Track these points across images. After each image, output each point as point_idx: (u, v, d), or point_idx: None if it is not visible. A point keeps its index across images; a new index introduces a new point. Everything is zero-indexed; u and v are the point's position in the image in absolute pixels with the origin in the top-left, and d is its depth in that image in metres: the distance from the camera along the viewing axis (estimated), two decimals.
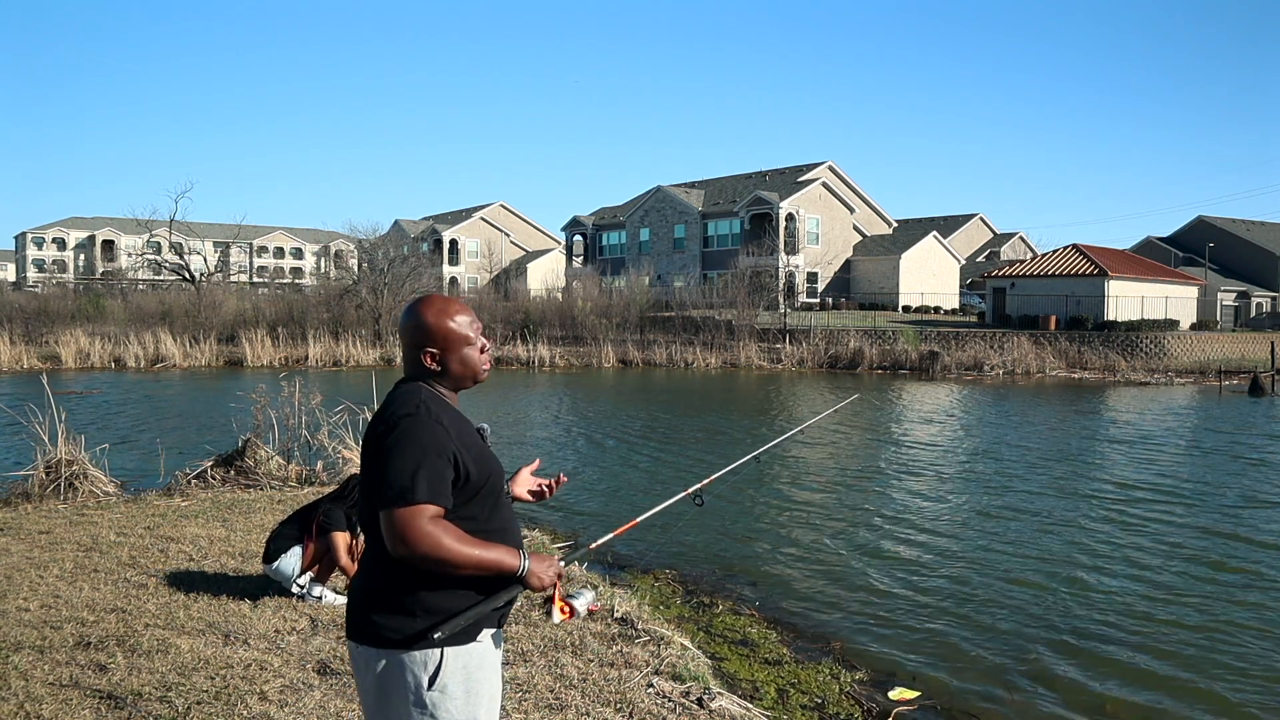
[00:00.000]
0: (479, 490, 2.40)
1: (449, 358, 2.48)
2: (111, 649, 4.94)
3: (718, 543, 9.30)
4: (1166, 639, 6.61)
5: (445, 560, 2.25)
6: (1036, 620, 7.00)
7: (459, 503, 2.36)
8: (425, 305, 2.50)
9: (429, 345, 2.46)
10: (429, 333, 2.46)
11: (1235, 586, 7.89)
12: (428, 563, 2.25)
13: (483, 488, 2.41)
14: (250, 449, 10.66)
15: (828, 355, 38.54)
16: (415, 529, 2.23)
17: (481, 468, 2.40)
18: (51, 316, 42.60)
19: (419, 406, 2.35)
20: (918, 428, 19.38)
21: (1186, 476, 13.41)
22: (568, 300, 49.88)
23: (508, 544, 2.44)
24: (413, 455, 2.27)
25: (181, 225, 54.16)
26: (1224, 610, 7.25)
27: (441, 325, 2.47)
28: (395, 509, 2.24)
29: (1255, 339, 41.51)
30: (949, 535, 9.71)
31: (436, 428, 2.32)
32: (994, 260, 63.95)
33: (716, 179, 62.40)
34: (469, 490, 2.37)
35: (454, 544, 2.26)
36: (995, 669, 6.03)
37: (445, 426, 2.34)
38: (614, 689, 4.69)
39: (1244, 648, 6.45)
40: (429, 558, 2.24)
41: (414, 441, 2.29)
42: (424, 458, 2.27)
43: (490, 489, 2.44)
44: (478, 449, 2.44)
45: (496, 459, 2.54)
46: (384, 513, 2.25)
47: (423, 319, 2.47)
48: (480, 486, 2.40)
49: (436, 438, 2.31)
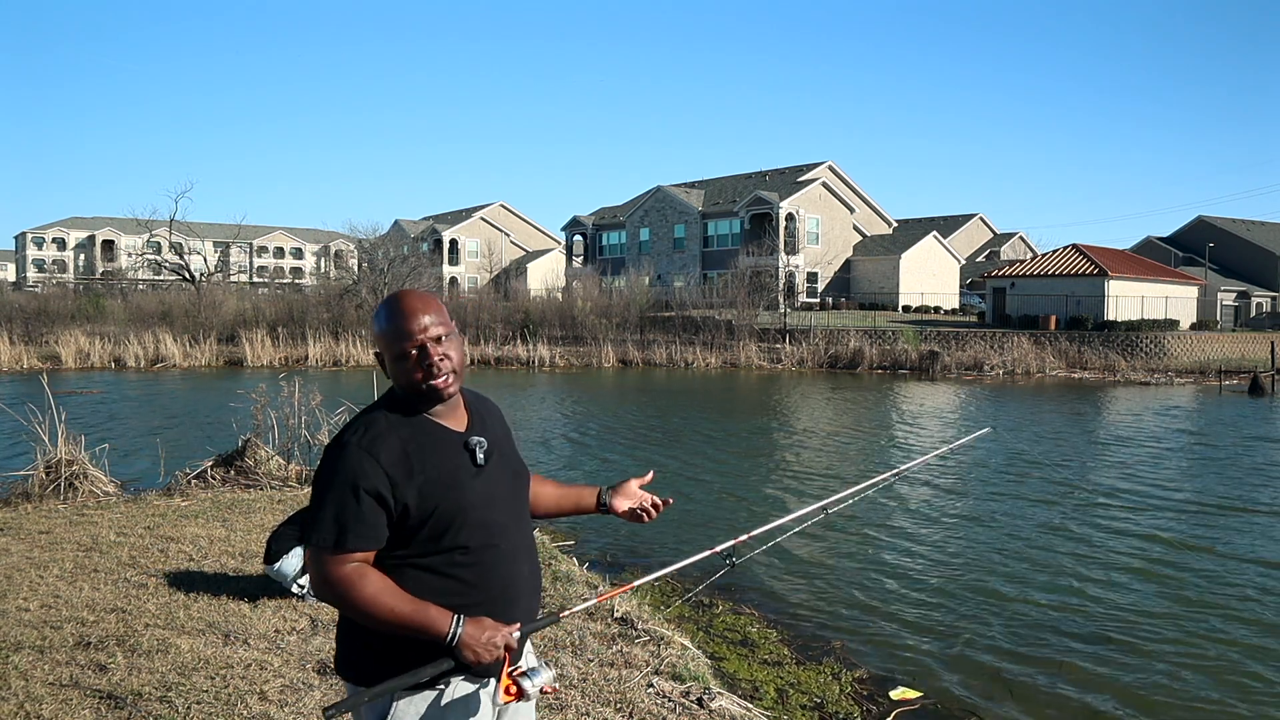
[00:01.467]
0: (421, 525, 2.07)
1: (390, 362, 2.15)
2: (111, 649, 4.94)
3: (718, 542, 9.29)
4: (1167, 640, 6.60)
5: (356, 611, 2.03)
6: (1037, 621, 7.00)
7: (399, 539, 2.08)
8: (380, 305, 2.19)
9: (376, 349, 2.19)
10: (375, 336, 2.17)
11: (1236, 587, 7.89)
12: (342, 609, 2.07)
13: (425, 522, 2.07)
14: (250, 449, 10.65)
15: (828, 355, 38.53)
16: (324, 572, 2.03)
17: (425, 499, 2.06)
18: (51, 316, 42.60)
19: (358, 431, 2.09)
20: (917, 428, 19.37)
21: (1188, 479, 13.41)
22: (568, 300, 49.87)
23: (467, 599, 2.10)
24: (325, 491, 2.05)
25: (181, 225, 54.17)
26: (1224, 611, 7.25)
27: (383, 326, 2.15)
28: (309, 548, 2.07)
29: (1255, 339, 41.50)
30: (949, 536, 9.71)
31: (362, 460, 2.03)
32: (994, 260, 63.93)
33: (716, 179, 62.39)
34: (409, 526, 2.07)
35: (365, 594, 2.01)
36: (996, 670, 6.03)
37: (377, 456, 2.04)
38: (614, 689, 4.68)
39: (1244, 649, 6.45)
40: (341, 604, 2.05)
41: (331, 476, 2.05)
42: (334, 495, 2.03)
43: (439, 523, 2.08)
44: (430, 476, 2.08)
45: (477, 484, 2.15)
46: (305, 549, 2.11)
47: (374, 320, 2.19)
48: (421, 521, 2.07)
49: (357, 472, 2.02)
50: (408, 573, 2.09)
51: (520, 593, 2.23)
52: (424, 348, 2.11)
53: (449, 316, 2.20)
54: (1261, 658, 6.27)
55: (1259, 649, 6.44)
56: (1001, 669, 6.03)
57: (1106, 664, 6.13)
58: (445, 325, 2.16)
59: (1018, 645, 6.46)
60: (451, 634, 2.03)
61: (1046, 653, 6.32)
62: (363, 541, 2.03)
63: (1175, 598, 7.57)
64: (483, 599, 2.14)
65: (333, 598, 2.05)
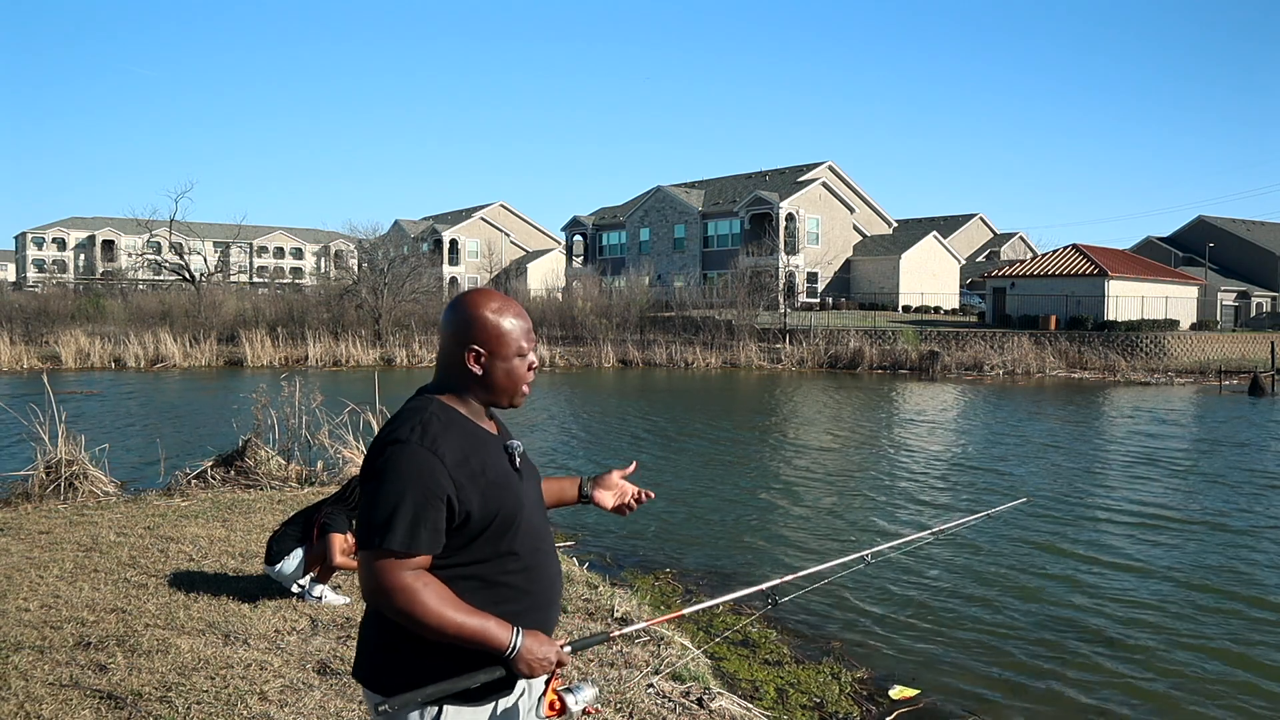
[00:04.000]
0: (482, 531, 2.03)
1: (495, 363, 2.12)
2: (111, 649, 4.94)
3: (717, 543, 9.30)
4: (1167, 641, 6.61)
5: (417, 621, 1.95)
6: (1037, 621, 7.00)
7: (456, 546, 2.02)
8: (481, 297, 2.15)
9: (476, 343, 2.11)
10: (481, 329, 2.11)
11: (1236, 590, 7.89)
12: (399, 618, 1.97)
13: (487, 528, 2.03)
14: (250, 449, 10.65)
15: (828, 355, 38.54)
16: (386, 580, 1.94)
17: (488, 503, 2.02)
18: (51, 316, 42.63)
19: (415, 429, 2.01)
20: (915, 428, 19.37)
21: (1187, 479, 13.41)
22: (568, 300, 49.89)
23: (518, 605, 2.09)
24: (394, 492, 1.95)
25: (181, 225, 54.12)
26: (1225, 612, 7.24)
27: (498, 323, 2.11)
28: (368, 553, 1.96)
29: (1255, 339, 41.50)
30: (950, 536, 9.70)
31: (428, 460, 1.96)
32: (994, 260, 63.93)
33: (716, 179, 62.40)
34: (468, 532, 2.02)
35: (430, 604, 1.94)
36: (996, 670, 6.03)
37: (442, 457, 1.98)
38: (614, 689, 4.68)
39: (1244, 649, 6.45)
40: (400, 614, 1.95)
41: (398, 476, 1.95)
42: (406, 496, 1.94)
43: (499, 528, 2.05)
44: (491, 479, 2.05)
45: (523, 487, 2.15)
46: (361, 555, 1.98)
47: (477, 312, 2.12)
48: (483, 527, 2.03)
49: (425, 472, 1.95)
50: (458, 581, 2.03)
51: (556, 595, 2.24)
52: (530, 356, 2.17)
53: None
54: (1261, 658, 6.27)
55: (1258, 649, 6.44)
56: (1001, 669, 6.03)
57: (1106, 664, 6.13)
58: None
59: (1017, 645, 6.46)
60: (511, 647, 2.00)
61: (1046, 653, 6.32)
62: (430, 547, 1.97)
63: (1175, 598, 7.56)
64: (530, 605, 2.12)
65: (391, 606, 1.95)
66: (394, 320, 41.64)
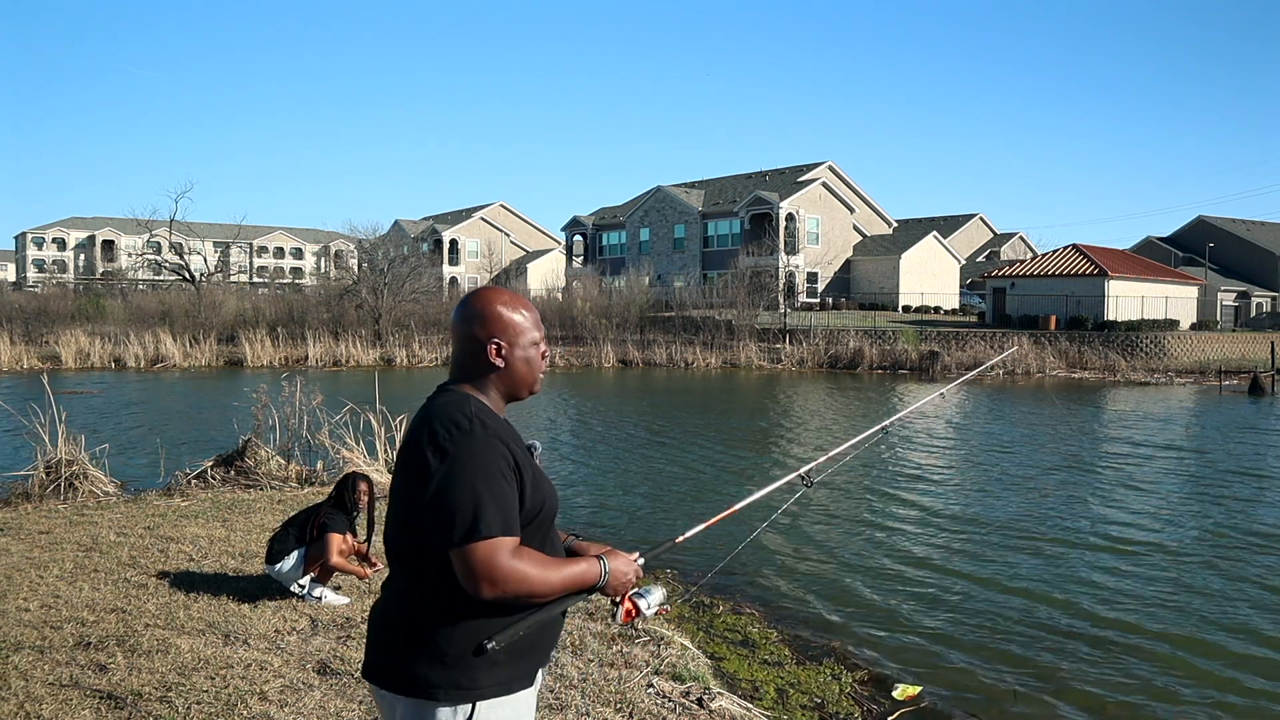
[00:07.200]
0: (530, 520, 2.08)
1: (515, 354, 2.18)
2: (111, 649, 4.94)
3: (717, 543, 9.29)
4: (1167, 641, 6.60)
5: (535, 595, 2.00)
6: (1039, 621, 7.00)
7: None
8: (492, 294, 2.22)
9: (497, 336, 2.16)
10: (498, 322, 2.17)
11: (1240, 590, 7.89)
12: (517, 600, 2.00)
13: (535, 517, 2.10)
14: (250, 449, 10.65)
15: (828, 355, 38.55)
16: (499, 568, 1.94)
17: (536, 493, 2.09)
18: (51, 316, 42.66)
19: (473, 420, 2.02)
20: (915, 428, 19.36)
21: (1187, 479, 13.41)
22: (568, 300, 49.91)
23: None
24: (476, 481, 1.96)
25: (181, 225, 54.14)
26: (1228, 612, 7.24)
27: (513, 316, 2.20)
28: (469, 547, 1.93)
29: (1255, 339, 41.51)
30: (950, 536, 9.71)
31: (495, 444, 2.00)
32: (994, 260, 63.94)
33: (716, 179, 62.42)
34: (521, 520, 2.05)
35: (540, 574, 2.00)
36: (996, 670, 6.03)
37: (507, 444, 2.03)
38: (614, 689, 4.68)
39: (1244, 651, 6.45)
40: (519, 596, 1.98)
41: (474, 464, 1.97)
42: (489, 482, 1.96)
43: (544, 518, 2.14)
44: (536, 471, 2.13)
45: (550, 482, 2.23)
46: (455, 552, 1.94)
47: (492, 307, 2.19)
48: (533, 516, 2.09)
49: (497, 457, 2.00)
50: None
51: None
52: (543, 345, 2.27)
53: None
54: (1259, 658, 6.27)
55: (1258, 649, 6.43)
56: (1002, 669, 6.02)
57: (1107, 664, 6.13)
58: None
59: (1019, 645, 6.46)
60: (603, 577, 2.14)
61: (1048, 653, 6.31)
62: (517, 528, 2.01)
63: (1176, 599, 7.56)
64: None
65: (514, 589, 1.96)
66: (394, 320, 41.67)
